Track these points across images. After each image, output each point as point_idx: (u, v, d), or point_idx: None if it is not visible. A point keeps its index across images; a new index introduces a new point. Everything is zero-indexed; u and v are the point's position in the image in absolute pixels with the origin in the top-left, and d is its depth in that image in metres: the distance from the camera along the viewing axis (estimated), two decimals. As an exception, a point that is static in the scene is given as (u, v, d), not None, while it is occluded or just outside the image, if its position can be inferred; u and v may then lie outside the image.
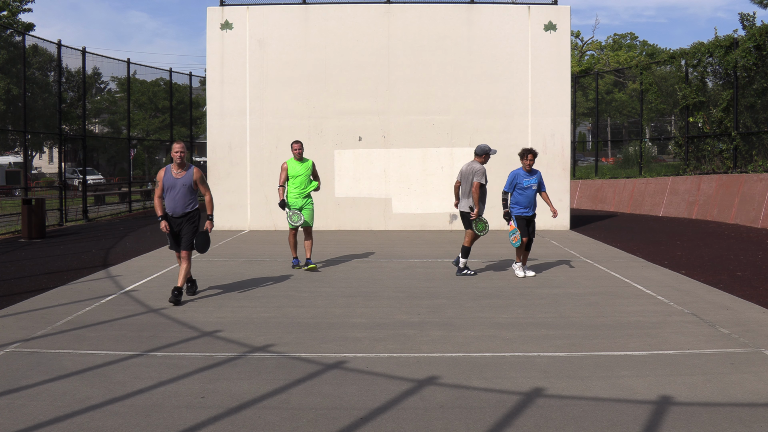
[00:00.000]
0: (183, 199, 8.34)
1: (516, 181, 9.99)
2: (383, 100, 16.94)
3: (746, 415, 4.67)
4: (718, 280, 9.79)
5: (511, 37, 16.82)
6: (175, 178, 8.31)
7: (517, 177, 10.00)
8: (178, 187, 8.30)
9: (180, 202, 8.34)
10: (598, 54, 56.03)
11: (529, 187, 9.98)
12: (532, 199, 10.05)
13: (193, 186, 8.41)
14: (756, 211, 16.69)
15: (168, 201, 8.38)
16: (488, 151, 10.31)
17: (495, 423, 4.57)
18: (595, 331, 6.95)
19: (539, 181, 10.05)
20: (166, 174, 8.36)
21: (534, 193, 10.06)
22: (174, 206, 8.35)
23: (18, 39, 21.60)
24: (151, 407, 4.85)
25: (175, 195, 8.31)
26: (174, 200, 8.34)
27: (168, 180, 8.33)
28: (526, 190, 9.99)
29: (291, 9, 17.05)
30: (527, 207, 10.03)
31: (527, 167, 9.95)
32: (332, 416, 4.69)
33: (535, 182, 9.98)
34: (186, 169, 8.37)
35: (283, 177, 10.63)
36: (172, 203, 8.34)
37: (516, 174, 10.01)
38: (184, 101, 36.49)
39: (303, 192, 10.64)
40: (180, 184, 8.30)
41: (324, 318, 7.56)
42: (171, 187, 8.31)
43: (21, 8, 33.61)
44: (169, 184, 8.32)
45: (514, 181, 9.98)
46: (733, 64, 18.88)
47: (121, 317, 7.54)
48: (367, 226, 16.97)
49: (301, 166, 10.64)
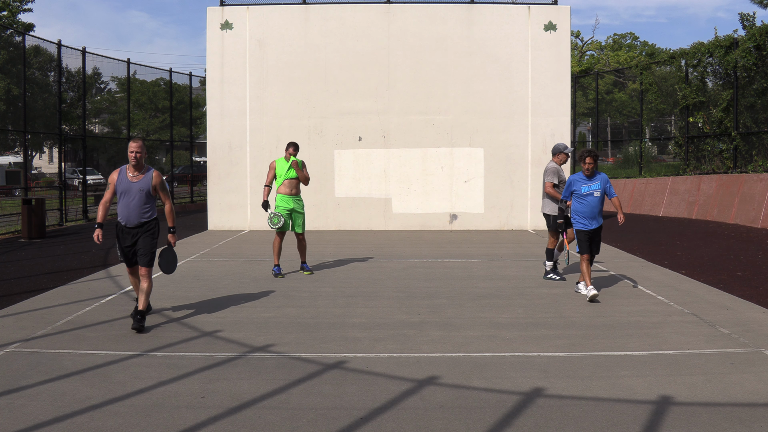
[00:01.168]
0: (139, 207, 7.20)
1: (573, 188, 8.64)
2: (383, 100, 16.95)
3: (746, 415, 4.67)
4: (718, 280, 9.79)
5: (511, 37, 16.82)
6: (131, 182, 7.19)
7: (573, 183, 8.63)
8: (133, 192, 7.19)
9: (135, 210, 7.19)
10: (598, 54, 56.03)
11: (590, 194, 8.52)
12: (595, 209, 8.56)
13: (152, 192, 7.26)
14: (756, 211, 16.68)
15: (121, 208, 7.23)
16: (562, 149, 9.69)
17: (495, 423, 4.57)
18: (595, 331, 6.95)
19: (604, 187, 8.56)
20: (120, 176, 7.24)
21: (598, 202, 8.56)
22: (128, 215, 7.20)
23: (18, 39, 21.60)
24: (151, 407, 4.85)
25: (129, 202, 7.17)
26: (128, 208, 7.19)
27: (122, 184, 7.21)
28: (587, 198, 8.54)
29: (291, 9, 17.05)
30: (590, 218, 8.57)
31: (587, 171, 8.54)
32: (332, 416, 4.69)
33: (597, 188, 8.51)
34: (144, 171, 7.25)
35: (270, 176, 10.31)
36: (126, 211, 7.19)
37: (573, 180, 8.65)
38: (184, 101, 36.47)
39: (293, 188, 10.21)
40: (136, 189, 7.19)
41: (324, 318, 7.56)
42: (125, 193, 7.19)
43: (21, 8, 33.61)
44: (123, 189, 7.20)
45: (570, 187, 8.67)
46: (733, 64, 18.87)
47: (121, 317, 7.54)
48: (367, 226, 16.97)
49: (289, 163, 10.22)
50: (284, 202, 10.26)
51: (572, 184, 8.64)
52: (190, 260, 11.83)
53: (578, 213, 8.61)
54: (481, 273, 10.48)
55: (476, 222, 16.91)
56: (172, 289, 9.18)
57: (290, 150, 10.27)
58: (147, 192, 7.22)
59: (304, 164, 10.46)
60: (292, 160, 10.25)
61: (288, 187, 10.29)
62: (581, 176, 8.61)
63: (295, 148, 10.32)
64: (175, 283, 9.61)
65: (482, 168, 16.91)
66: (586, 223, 8.60)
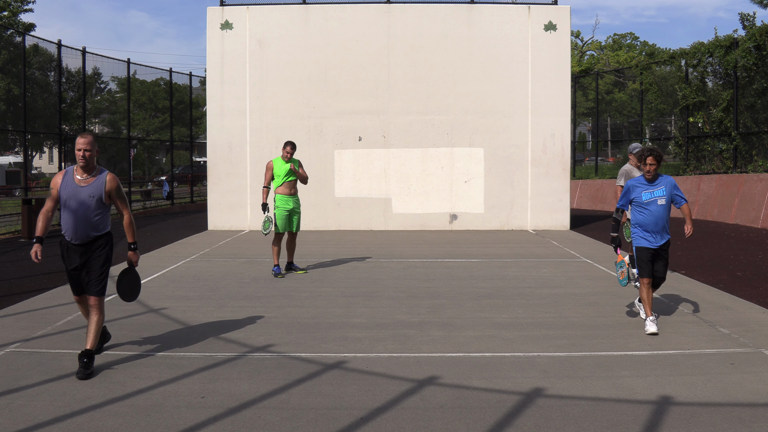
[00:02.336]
0: (88, 219, 5.70)
1: (632, 195, 7.08)
2: (383, 100, 16.95)
3: (746, 415, 4.67)
4: (718, 280, 9.79)
5: (511, 37, 16.82)
6: (79, 187, 5.68)
7: (632, 189, 7.08)
8: (82, 199, 5.66)
9: (84, 222, 5.69)
10: (598, 54, 56.03)
11: (652, 201, 6.96)
12: (660, 220, 6.96)
13: (105, 199, 5.76)
14: (756, 211, 16.69)
15: (66, 220, 5.72)
16: (631, 150, 8.95)
17: (495, 423, 4.57)
18: (595, 331, 6.95)
19: (671, 192, 7.00)
20: (65, 180, 5.71)
21: (663, 211, 6.97)
22: (74, 228, 5.71)
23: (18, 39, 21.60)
24: (151, 407, 4.85)
25: (76, 211, 5.67)
26: (75, 219, 5.68)
27: (68, 189, 5.69)
28: (649, 207, 6.96)
29: (291, 9, 17.05)
30: (653, 232, 6.98)
31: (648, 174, 7.01)
32: (332, 416, 4.69)
33: (662, 194, 6.96)
34: (95, 174, 5.76)
35: (268, 177, 10.17)
36: (72, 223, 5.70)
37: (631, 185, 7.12)
38: (184, 101, 36.47)
39: (292, 188, 10.20)
40: (85, 196, 5.67)
41: (324, 318, 7.56)
42: (71, 200, 5.67)
43: (22, 8, 33.62)
44: (68, 195, 5.67)
45: (628, 194, 7.12)
46: (733, 64, 18.88)
47: (121, 317, 7.54)
48: (367, 226, 16.97)
49: (288, 164, 10.19)
50: (284, 203, 10.23)
51: (630, 191, 7.10)
52: (190, 260, 11.83)
53: (638, 226, 7.08)
54: (481, 273, 10.48)
55: (476, 222, 16.91)
56: (172, 289, 9.18)
57: (287, 149, 10.16)
58: (99, 199, 5.72)
59: (300, 163, 10.45)
60: (290, 164, 10.19)
61: (287, 187, 10.25)
62: (641, 180, 7.11)
63: (293, 146, 10.22)
64: (175, 283, 9.61)
65: (482, 168, 16.90)
66: (649, 239, 7.01)
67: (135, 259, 6.14)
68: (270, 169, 10.21)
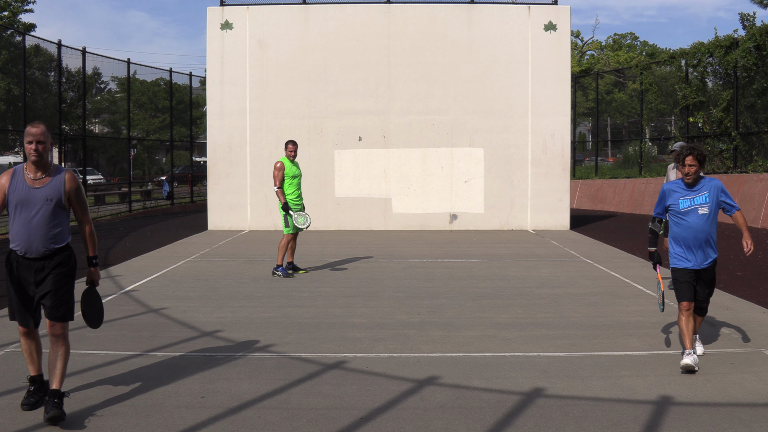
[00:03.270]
0: (45, 227, 4.65)
1: (668, 202, 5.88)
2: (383, 100, 16.94)
3: (746, 415, 4.67)
4: (718, 280, 9.75)
5: (511, 37, 16.82)
6: (32, 189, 4.65)
7: (668, 194, 5.88)
8: (36, 203, 4.64)
9: (39, 231, 4.64)
10: (598, 54, 56.03)
11: (692, 210, 5.73)
12: (701, 233, 5.72)
13: (64, 203, 4.73)
14: (756, 211, 16.69)
15: (17, 229, 4.66)
16: (671, 150, 8.11)
17: (495, 423, 4.57)
18: (595, 331, 6.95)
19: (717, 199, 5.76)
20: (15, 181, 4.68)
21: (705, 222, 5.72)
22: (27, 239, 4.65)
23: (18, 39, 21.60)
24: (151, 407, 4.85)
25: (30, 218, 4.64)
26: (28, 228, 4.64)
27: (19, 191, 4.66)
28: (688, 216, 5.74)
29: (291, 9, 17.05)
30: (693, 248, 5.78)
31: (687, 177, 5.78)
32: (332, 416, 4.69)
33: (704, 201, 5.72)
34: (52, 173, 4.73)
35: (281, 177, 10.07)
36: (25, 233, 4.64)
37: (668, 189, 5.90)
38: (184, 101, 36.48)
39: (301, 193, 10.31)
40: (40, 199, 4.65)
41: (324, 318, 7.56)
42: (23, 204, 4.64)
43: (22, 8, 33.61)
44: (20, 199, 4.65)
45: (664, 201, 5.92)
46: (733, 64, 18.88)
47: (121, 317, 7.54)
48: (367, 226, 16.97)
49: (297, 166, 10.29)
50: (296, 205, 10.28)
51: (666, 196, 5.88)
52: (190, 260, 11.83)
53: (677, 240, 5.85)
54: (481, 273, 10.48)
55: (476, 222, 16.91)
56: (172, 289, 9.19)
57: (290, 147, 10.19)
58: (57, 202, 4.69)
59: None
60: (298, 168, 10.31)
61: (299, 190, 10.34)
62: (679, 184, 5.86)
63: (295, 144, 10.28)
64: (175, 283, 9.61)
65: (482, 168, 16.90)
66: (688, 257, 5.82)
67: (96, 278, 5.06)
68: (282, 170, 10.05)
